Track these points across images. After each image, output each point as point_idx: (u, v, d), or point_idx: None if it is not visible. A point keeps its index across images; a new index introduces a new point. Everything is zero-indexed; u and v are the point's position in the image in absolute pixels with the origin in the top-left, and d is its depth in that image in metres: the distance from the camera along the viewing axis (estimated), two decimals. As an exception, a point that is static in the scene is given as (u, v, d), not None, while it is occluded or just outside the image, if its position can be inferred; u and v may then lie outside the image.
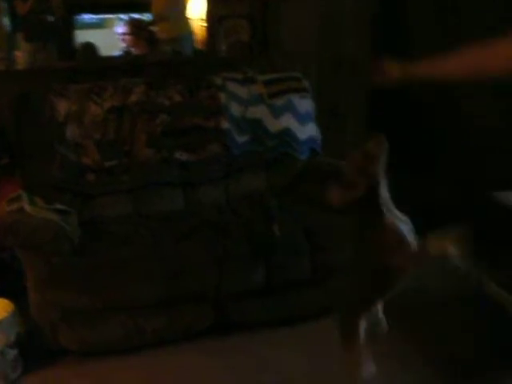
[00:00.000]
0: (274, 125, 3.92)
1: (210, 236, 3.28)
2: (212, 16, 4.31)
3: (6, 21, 4.15)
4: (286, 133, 3.93)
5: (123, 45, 4.23)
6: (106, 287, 3.05)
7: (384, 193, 2.26)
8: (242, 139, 3.89)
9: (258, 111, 3.92)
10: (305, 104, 4.01)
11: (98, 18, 4.33)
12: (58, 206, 3.29)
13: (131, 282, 3.08)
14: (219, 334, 3.25)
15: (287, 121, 3.94)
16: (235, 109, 3.88)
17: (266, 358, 3.10)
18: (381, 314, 2.55)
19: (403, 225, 2.28)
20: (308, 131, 4.00)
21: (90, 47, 4.26)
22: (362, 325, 2.45)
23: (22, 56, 4.21)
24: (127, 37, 4.30)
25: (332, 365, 2.73)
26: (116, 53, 4.23)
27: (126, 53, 4.20)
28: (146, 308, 3.13)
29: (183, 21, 4.47)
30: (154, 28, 4.35)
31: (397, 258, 2.26)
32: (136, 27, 4.28)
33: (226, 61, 4.27)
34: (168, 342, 3.18)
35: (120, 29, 4.28)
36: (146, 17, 4.33)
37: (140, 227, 3.40)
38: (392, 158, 4.40)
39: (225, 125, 3.84)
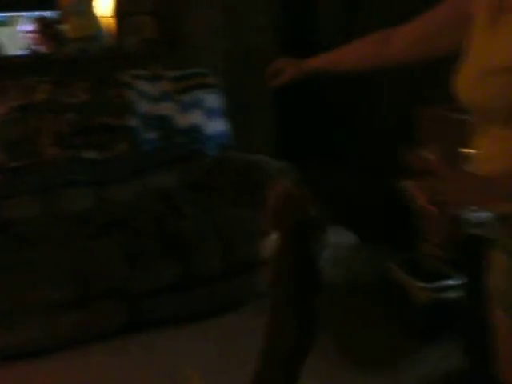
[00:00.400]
0: (182, 121, 3.94)
1: (120, 234, 3.28)
2: (119, 13, 4.27)
3: None
4: (195, 129, 3.96)
5: (29, 43, 4.15)
6: (15, 289, 3.01)
7: None
8: (150, 136, 3.89)
9: (166, 108, 3.93)
10: (213, 100, 4.04)
11: (1, 16, 4.22)
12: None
13: (41, 283, 3.04)
14: (133, 331, 3.25)
15: (196, 117, 3.97)
16: (143, 106, 3.88)
17: (178, 353, 3.12)
18: None
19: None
20: (217, 127, 4.04)
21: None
22: None
23: None
24: (33, 35, 4.21)
25: (243, 356, 2.77)
26: (21, 51, 4.14)
27: (32, 51, 4.12)
28: (58, 309, 3.09)
29: (92, 18, 4.42)
30: (62, 26, 4.27)
31: None
32: (42, 25, 4.20)
33: (134, 58, 4.25)
34: (81, 342, 3.15)
35: (25, 27, 4.20)
36: (53, 14, 4.24)
37: (50, 227, 3.36)
38: (301, 150, 4.51)
39: (133, 122, 3.84)
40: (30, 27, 4.13)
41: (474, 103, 1.69)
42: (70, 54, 4.16)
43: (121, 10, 4.29)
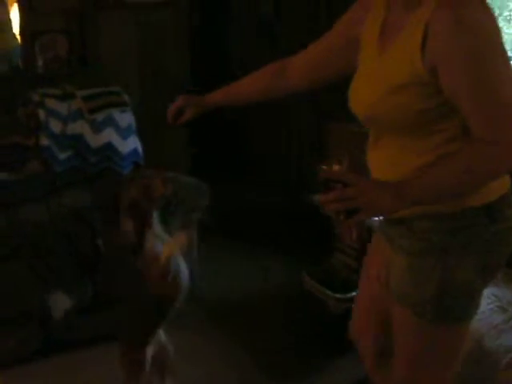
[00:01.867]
0: (95, 140, 3.90)
1: (33, 255, 3.24)
2: (27, 31, 4.22)
3: None
4: (108, 147, 3.92)
5: None
6: None
7: (155, 224, 2.32)
8: (63, 156, 3.84)
9: (79, 127, 3.89)
10: (126, 118, 4.03)
11: None
12: None
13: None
14: (49, 354, 3.20)
15: (108, 136, 3.93)
16: (55, 125, 3.83)
17: (94, 374, 3.10)
18: (163, 338, 2.58)
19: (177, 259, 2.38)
20: (130, 145, 4.01)
21: None
22: (149, 352, 2.47)
23: None
24: None
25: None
26: None
27: None
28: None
29: (11, 33, 4.34)
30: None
31: (162, 287, 2.33)
32: None
33: (44, 77, 4.20)
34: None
35: None
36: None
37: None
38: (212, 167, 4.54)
39: (45, 142, 3.78)
40: None
41: (373, 117, 1.82)
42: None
43: (31, 28, 4.23)
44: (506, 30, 3.77)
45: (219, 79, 5.93)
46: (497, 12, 3.73)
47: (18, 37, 4.28)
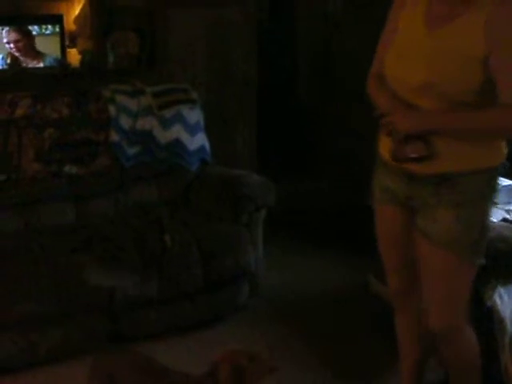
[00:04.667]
0: (163, 136, 3.96)
1: (102, 248, 3.29)
2: (99, 28, 4.29)
3: None
4: (176, 144, 3.97)
5: (9, 57, 4.14)
6: (-4, 303, 3.01)
7: None
8: (132, 151, 3.91)
9: (148, 123, 3.95)
10: (194, 115, 4.07)
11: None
12: None
13: (21, 298, 3.04)
14: (115, 346, 3.25)
15: (177, 132, 3.98)
16: (125, 121, 3.90)
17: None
18: None
19: None
20: (198, 142, 4.06)
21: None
22: None
23: None
24: (13, 47, 4.21)
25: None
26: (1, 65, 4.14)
27: (12, 65, 4.12)
28: (38, 324, 3.10)
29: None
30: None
31: None
32: (22, 37, 4.20)
33: (115, 73, 4.27)
34: (63, 357, 3.15)
35: (4, 39, 4.19)
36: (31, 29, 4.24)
37: (31, 242, 3.36)
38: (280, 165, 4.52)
39: (114, 137, 3.85)
40: (8, 39, 4.13)
41: (432, 84, 2.14)
42: (50, 69, 4.18)
43: (103, 25, 4.31)
44: None
45: (286, 77, 5.94)
46: None
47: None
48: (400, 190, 2.37)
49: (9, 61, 4.15)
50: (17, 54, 4.16)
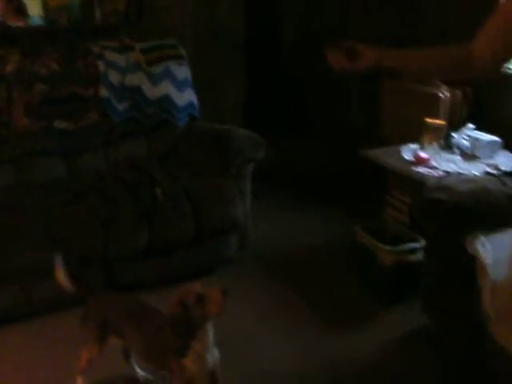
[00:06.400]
0: (152, 92, 4.00)
1: (94, 201, 3.34)
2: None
3: None
4: (165, 99, 4.01)
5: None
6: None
7: (209, 331, 2.31)
8: (121, 107, 3.94)
9: (137, 79, 3.98)
10: (182, 71, 4.10)
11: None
12: None
13: (16, 251, 3.10)
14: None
15: (166, 88, 4.02)
16: (114, 77, 3.93)
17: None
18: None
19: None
20: (186, 97, 4.10)
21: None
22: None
23: None
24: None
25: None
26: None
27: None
28: (34, 276, 3.16)
29: None
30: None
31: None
32: None
33: (103, 29, 4.27)
34: (59, 308, 3.20)
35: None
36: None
37: (24, 196, 3.41)
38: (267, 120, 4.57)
39: (104, 93, 3.89)
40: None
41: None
42: (38, 26, 4.17)
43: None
44: None
45: (272, 34, 5.94)
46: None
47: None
48: None
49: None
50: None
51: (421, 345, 3.04)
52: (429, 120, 3.71)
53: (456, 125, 3.78)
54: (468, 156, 3.54)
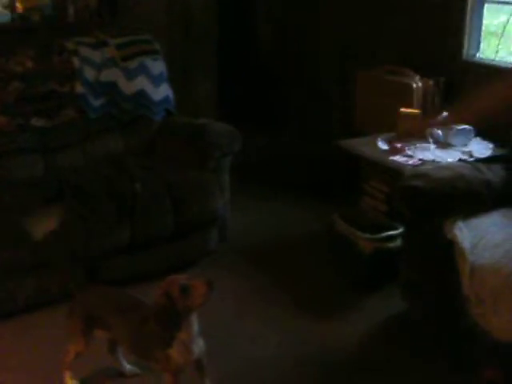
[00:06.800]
0: (128, 87, 4.00)
1: (73, 198, 3.34)
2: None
3: None
4: (141, 95, 4.02)
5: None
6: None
7: (193, 321, 2.35)
8: (97, 103, 3.95)
9: (112, 74, 3.98)
10: (157, 66, 4.11)
11: None
12: None
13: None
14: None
15: (141, 83, 4.03)
16: (89, 73, 3.92)
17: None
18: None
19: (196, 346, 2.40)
20: (162, 92, 4.11)
21: None
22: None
23: None
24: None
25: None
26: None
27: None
28: (15, 274, 3.17)
29: None
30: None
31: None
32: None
33: (76, 26, 4.27)
34: (41, 305, 3.22)
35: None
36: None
37: (3, 193, 3.39)
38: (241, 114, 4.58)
39: (79, 89, 3.88)
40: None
41: None
42: (11, 24, 4.17)
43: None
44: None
45: (245, 28, 5.97)
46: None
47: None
48: None
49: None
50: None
51: (401, 331, 3.11)
52: (403, 110, 3.77)
53: (429, 113, 3.85)
54: (442, 144, 3.60)
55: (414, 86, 3.90)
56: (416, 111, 3.78)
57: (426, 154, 3.49)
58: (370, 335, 3.11)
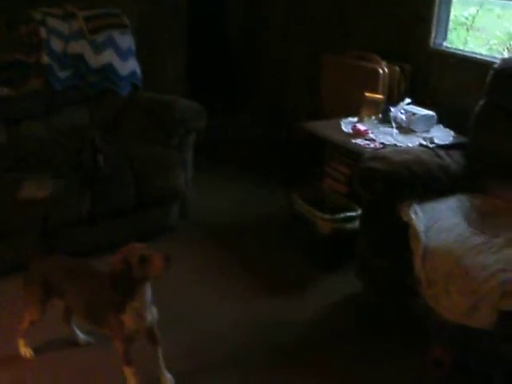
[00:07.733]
0: (95, 60, 3.99)
1: (35, 167, 3.34)
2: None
3: None
4: (108, 68, 4.01)
5: None
6: None
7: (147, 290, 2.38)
8: (63, 75, 3.92)
9: (79, 47, 3.96)
10: (126, 40, 4.10)
11: None
12: None
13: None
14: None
15: (109, 56, 4.02)
16: (56, 44, 3.90)
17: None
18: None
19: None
20: (129, 67, 4.10)
21: None
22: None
23: None
24: None
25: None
26: None
27: None
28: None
29: None
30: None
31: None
32: None
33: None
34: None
35: None
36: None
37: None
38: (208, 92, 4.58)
39: (46, 60, 3.85)
40: None
41: None
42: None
43: None
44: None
45: (216, 3, 5.93)
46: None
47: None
48: None
49: None
50: None
51: (357, 310, 3.17)
52: (368, 94, 3.80)
53: (394, 99, 3.89)
54: (405, 129, 3.64)
55: (381, 71, 3.94)
56: (380, 96, 3.82)
57: (387, 138, 3.53)
58: (324, 314, 3.15)
